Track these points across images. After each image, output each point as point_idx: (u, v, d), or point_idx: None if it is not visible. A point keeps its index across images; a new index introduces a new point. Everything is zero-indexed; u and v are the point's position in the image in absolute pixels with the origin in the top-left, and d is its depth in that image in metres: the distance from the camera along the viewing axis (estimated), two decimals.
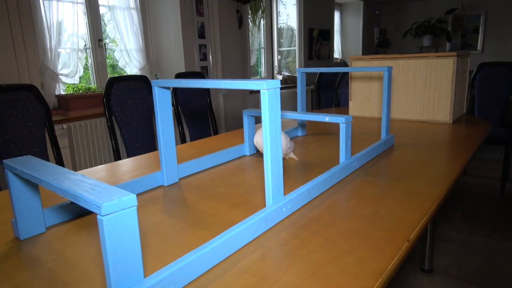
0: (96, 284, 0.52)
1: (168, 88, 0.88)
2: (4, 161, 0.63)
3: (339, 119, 0.95)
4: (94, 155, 2.40)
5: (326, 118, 0.99)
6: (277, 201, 0.70)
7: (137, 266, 0.45)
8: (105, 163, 2.47)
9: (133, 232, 0.44)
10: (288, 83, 4.68)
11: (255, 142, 1.09)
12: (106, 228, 0.41)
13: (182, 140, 2.40)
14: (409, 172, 0.97)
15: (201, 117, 2.73)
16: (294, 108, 4.59)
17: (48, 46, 2.33)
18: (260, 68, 4.63)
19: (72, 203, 0.75)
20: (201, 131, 2.71)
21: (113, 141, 2.08)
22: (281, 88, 4.26)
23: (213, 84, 0.76)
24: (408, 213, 0.71)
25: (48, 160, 1.89)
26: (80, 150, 2.30)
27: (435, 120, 1.67)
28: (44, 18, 2.30)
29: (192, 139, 2.44)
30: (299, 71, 1.40)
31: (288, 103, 4.52)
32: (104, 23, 2.80)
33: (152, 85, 0.86)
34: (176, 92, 2.41)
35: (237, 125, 3.77)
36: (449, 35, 6.53)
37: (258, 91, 4.12)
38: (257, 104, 4.12)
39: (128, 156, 2.17)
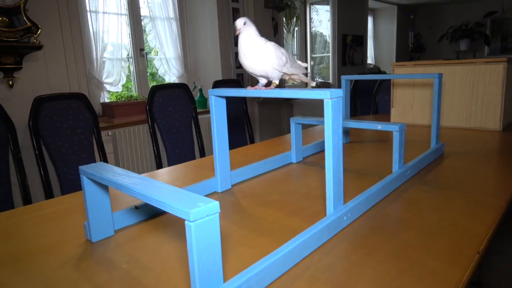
0: (173, 286, 0.54)
1: (224, 97, 0.90)
2: (80, 167, 0.67)
3: (392, 127, 0.94)
4: (137, 161, 2.48)
5: (379, 126, 0.98)
6: (338, 210, 0.70)
7: (218, 271, 0.47)
8: (147, 168, 2.54)
9: (216, 237, 0.46)
10: None
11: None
12: (194, 234, 0.43)
13: None
14: (465, 181, 0.94)
15: (238, 124, 2.77)
16: None
17: (94, 56, 2.44)
18: None
19: (136, 207, 0.78)
20: (238, 138, 2.74)
21: (155, 147, 2.14)
22: None
23: (273, 93, 0.78)
24: (473, 224, 0.69)
25: None
26: (124, 156, 2.39)
27: (483, 128, 1.61)
28: (91, 30, 2.41)
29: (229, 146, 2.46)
30: (344, 78, 1.40)
31: (319, 110, 4.48)
32: (145, 33, 2.91)
33: (209, 94, 0.89)
34: None
35: (271, 131, 3.78)
36: (487, 39, 6.30)
37: (293, 99, 4.12)
38: (290, 112, 4.12)
39: (169, 162, 2.23)
